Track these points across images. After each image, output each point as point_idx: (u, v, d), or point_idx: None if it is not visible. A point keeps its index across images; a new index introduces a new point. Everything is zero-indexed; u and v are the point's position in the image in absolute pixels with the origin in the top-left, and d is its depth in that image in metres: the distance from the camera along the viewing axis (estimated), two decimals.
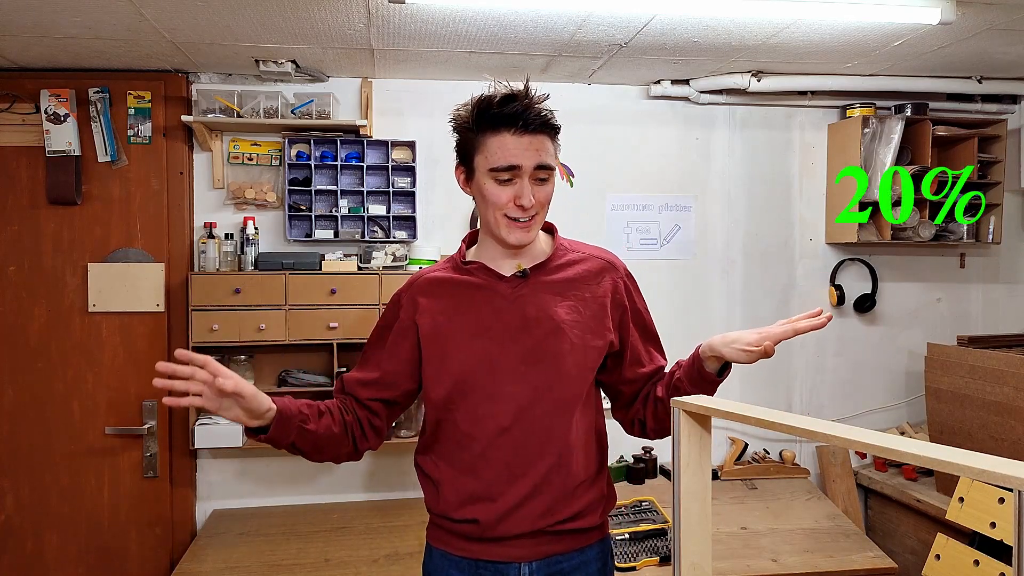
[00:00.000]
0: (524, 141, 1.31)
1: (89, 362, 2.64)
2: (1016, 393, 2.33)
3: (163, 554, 2.68)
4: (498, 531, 1.39)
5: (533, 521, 1.39)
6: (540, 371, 1.38)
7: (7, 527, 2.61)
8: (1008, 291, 3.23)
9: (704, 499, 1.10)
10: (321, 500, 2.81)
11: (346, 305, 2.57)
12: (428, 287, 1.46)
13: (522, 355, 1.38)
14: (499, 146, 1.31)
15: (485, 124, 1.32)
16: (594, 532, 1.47)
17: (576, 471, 1.42)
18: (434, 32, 2.26)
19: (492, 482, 1.39)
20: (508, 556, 1.40)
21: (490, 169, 1.33)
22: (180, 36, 2.26)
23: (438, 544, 1.48)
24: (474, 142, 1.35)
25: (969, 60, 2.61)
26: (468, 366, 1.39)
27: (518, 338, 1.39)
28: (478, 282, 1.43)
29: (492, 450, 1.39)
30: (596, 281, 1.44)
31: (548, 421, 1.39)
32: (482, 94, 1.34)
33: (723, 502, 2.69)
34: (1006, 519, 1.97)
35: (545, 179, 1.37)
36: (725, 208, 3.03)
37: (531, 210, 1.35)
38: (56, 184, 2.56)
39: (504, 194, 1.34)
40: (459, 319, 1.41)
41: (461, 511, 1.41)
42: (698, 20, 2.17)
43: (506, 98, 1.31)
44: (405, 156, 2.74)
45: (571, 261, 1.46)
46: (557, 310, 1.40)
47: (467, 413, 1.40)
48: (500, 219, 1.36)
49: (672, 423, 1.08)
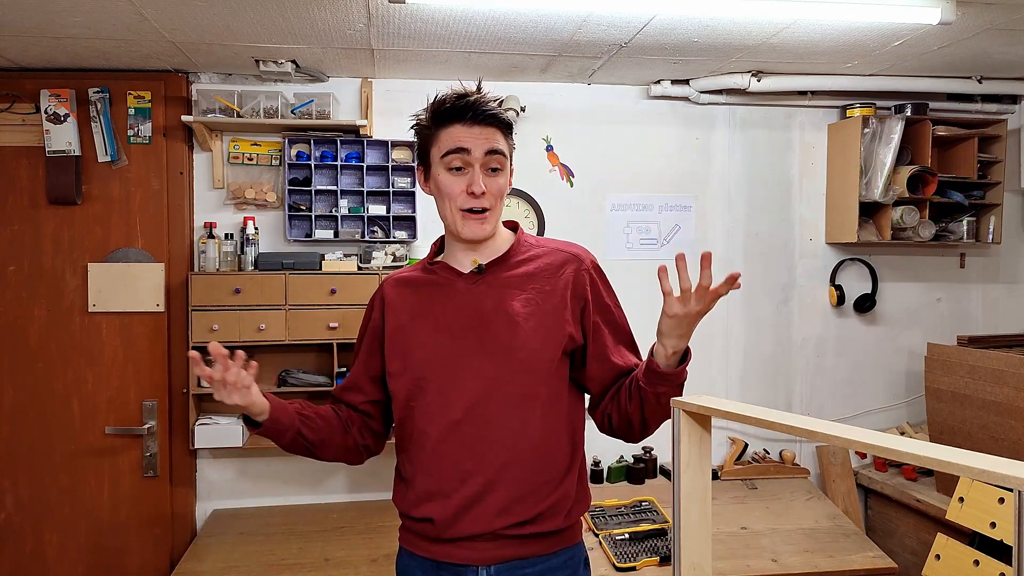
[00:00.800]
0: (475, 131, 1.37)
1: (89, 362, 2.64)
2: (1016, 393, 2.33)
3: (163, 554, 2.68)
4: (453, 531, 1.38)
5: (488, 521, 1.36)
6: (493, 365, 1.38)
7: (7, 527, 2.61)
8: (1008, 291, 3.23)
9: (704, 499, 1.10)
10: (321, 500, 2.81)
11: (346, 305, 2.57)
12: (395, 287, 1.51)
13: (476, 349, 1.39)
14: (449, 135, 1.38)
15: (439, 119, 1.40)
16: (560, 536, 1.43)
17: (536, 470, 1.39)
18: (434, 32, 2.26)
19: (444, 479, 1.38)
20: (466, 558, 1.38)
21: (442, 156, 1.38)
22: (180, 36, 2.26)
23: (405, 543, 1.49)
24: (430, 138, 1.42)
25: (969, 60, 2.61)
26: (426, 362, 1.41)
27: (473, 333, 1.40)
28: (438, 280, 1.47)
29: (444, 445, 1.39)
30: (557, 274, 1.44)
31: (501, 416, 1.38)
32: (438, 94, 1.42)
33: (723, 502, 2.69)
34: (1006, 519, 1.97)
35: (498, 169, 1.40)
36: (725, 208, 3.03)
37: (483, 200, 1.38)
38: (56, 184, 2.56)
39: (457, 184, 1.38)
40: (420, 317, 1.44)
41: (418, 509, 1.41)
42: (698, 20, 2.17)
43: (459, 95, 1.39)
44: (405, 156, 2.74)
45: (533, 256, 1.47)
46: (513, 304, 1.41)
47: (423, 409, 1.41)
48: (456, 212, 1.40)
49: (672, 423, 1.08)
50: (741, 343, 3.05)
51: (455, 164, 1.38)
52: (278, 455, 2.80)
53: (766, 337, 3.07)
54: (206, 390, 2.62)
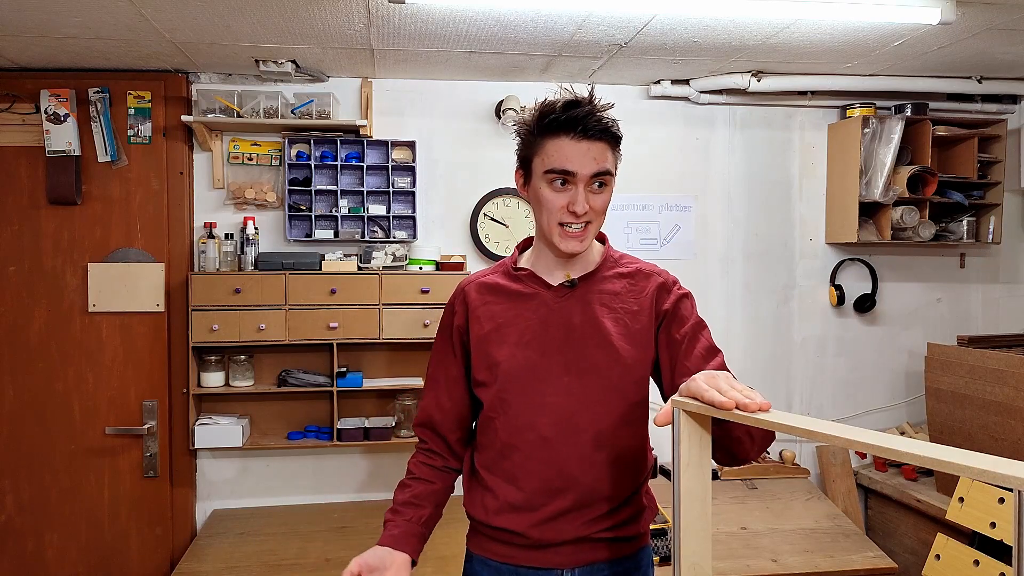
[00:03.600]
0: (583, 147, 1.29)
1: (89, 362, 2.64)
2: (1016, 393, 2.33)
3: (163, 554, 2.68)
4: (539, 539, 1.38)
5: (574, 531, 1.38)
6: (584, 383, 1.36)
7: (7, 527, 2.61)
8: (1008, 291, 3.23)
9: (704, 499, 1.10)
10: (321, 500, 2.81)
11: (346, 305, 2.57)
12: (478, 292, 1.46)
13: (566, 366, 1.37)
14: (556, 149, 1.30)
15: (545, 128, 1.31)
16: (634, 541, 1.45)
17: (623, 485, 1.40)
18: (434, 32, 2.26)
19: (533, 494, 1.37)
20: (549, 563, 1.39)
21: (545, 171, 1.31)
22: (180, 36, 2.26)
23: (477, 550, 1.47)
24: (533, 145, 1.34)
25: (969, 60, 2.61)
26: (511, 375, 1.38)
27: (562, 348, 1.37)
28: (526, 290, 1.42)
29: (533, 462, 1.37)
30: (643, 292, 1.41)
31: (591, 435, 1.37)
32: (546, 99, 1.33)
33: (723, 502, 2.69)
34: (1006, 519, 1.97)
35: (602, 186, 1.35)
36: (725, 208, 3.03)
37: (584, 217, 1.33)
38: (56, 184, 2.56)
39: (559, 200, 1.32)
40: (505, 327, 1.41)
41: (500, 519, 1.40)
42: (698, 20, 2.17)
43: (569, 104, 1.30)
44: (405, 156, 2.74)
45: (620, 273, 1.44)
46: (604, 321, 1.38)
47: (508, 422, 1.39)
48: (554, 226, 1.34)
49: (672, 423, 1.08)
50: (741, 343, 3.05)
51: (558, 180, 1.31)
52: (278, 455, 2.80)
53: (766, 337, 3.07)
54: (206, 390, 2.62)
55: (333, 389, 2.61)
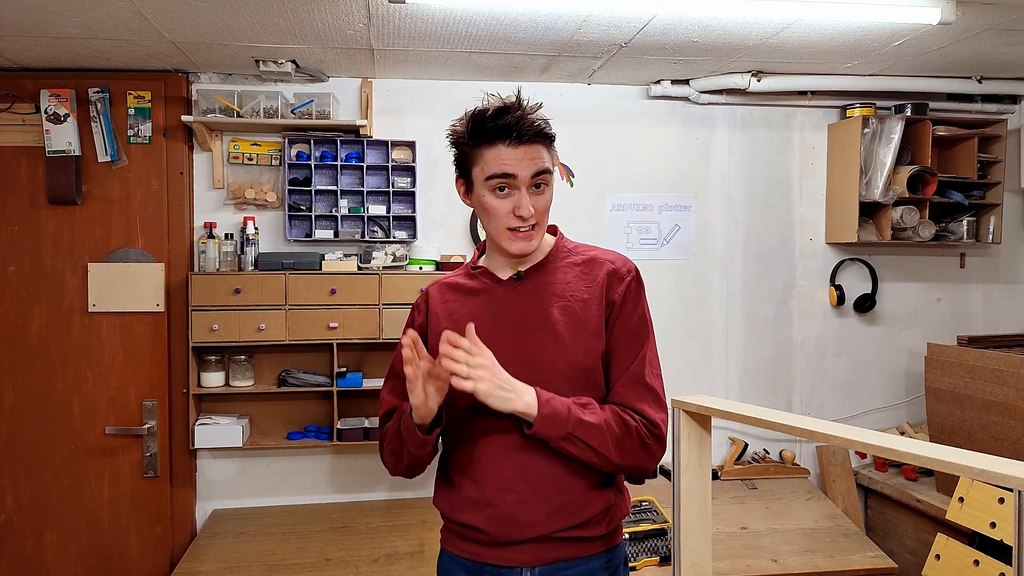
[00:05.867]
0: (519, 152, 1.32)
1: (89, 362, 2.64)
2: (1016, 393, 2.33)
3: (163, 554, 2.68)
4: (500, 536, 1.38)
5: (535, 527, 1.38)
6: (532, 374, 1.36)
7: (7, 527, 2.61)
8: (1008, 291, 3.23)
9: (704, 499, 1.10)
10: (321, 500, 2.81)
11: (346, 305, 2.57)
12: (439, 291, 1.50)
13: (517, 358, 1.38)
14: (493, 157, 1.33)
15: (480, 137, 1.34)
16: (600, 541, 1.43)
17: (578, 477, 1.39)
18: (434, 32, 2.26)
19: (490, 488, 1.38)
20: (511, 561, 1.39)
21: (486, 178, 1.34)
22: (180, 36, 2.26)
23: (447, 546, 1.49)
24: (471, 155, 1.37)
25: (969, 60, 2.61)
26: None
27: (514, 341, 1.39)
28: (478, 286, 1.46)
29: (488, 457, 1.39)
30: (594, 281, 1.42)
31: None
32: (476, 108, 1.36)
33: (723, 502, 2.69)
34: (1006, 519, 1.97)
35: (542, 186, 1.38)
36: (725, 208, 3.03)
37: (530, 219, 1.36)
38: (56, 184, 2.56)
39: (503, 206, 1.35)
40: (459, 322, 1.42)
41: (463, 515, 1.41)
42: (698, 20, 2.17)
43: (499, 111, 1.32)
44: (405, 156, 2.74)
45: (572, 262, 1.46)
46: (552, 311, 1.40)
47: (466, 418, 1.40)
48: (502, 231, 1.37)
49: (672, 423, 1.08)
50: (741, 343, 3.05)
51: (500, 186, 1.34)
52: (278, 455, 2.80)
53: (766, 337, 3.07)
54: (206, 390, 2.62)
55: (333, 389, 2.61)
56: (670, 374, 3.31)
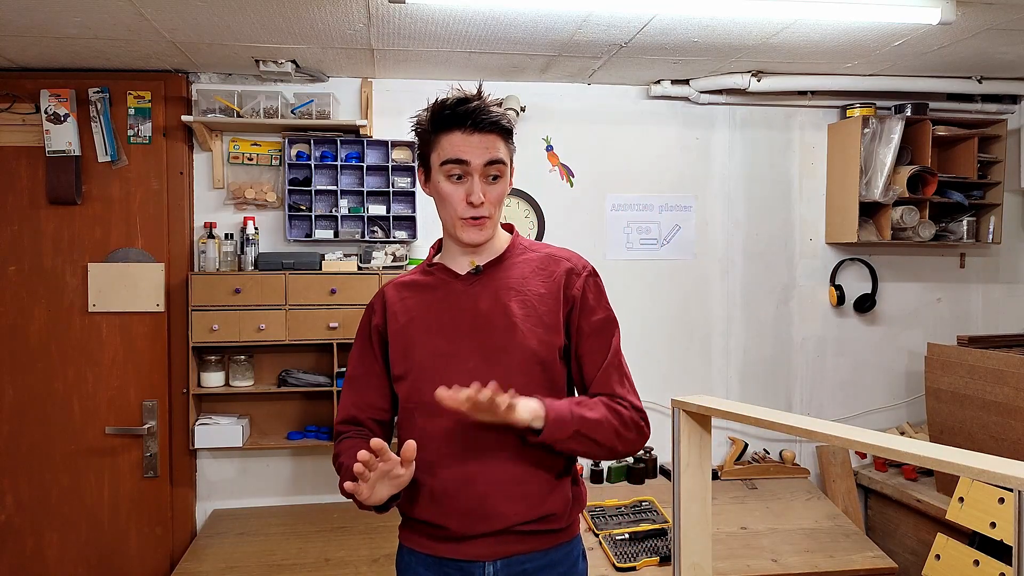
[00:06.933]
0: (475, 139, 1.37)
1: (89, 362, 2.64)
2: (1016, 393, 2.33)
3: (163, 554, 2.68)
4: (459, 531, 1.39)
5: (493, 521, 1.38)
6: (490, 366, 1.39)
7: (7, 527, 2.61)
8: (1008, 291, 3.23)
9: (704, 499, 1.10)
10: (321, 500, 2.81)
11: (346, 305, 2.57)
12: (395, 290, 1.52)
13: (474, 350, 1.40)
14: (449, 143, 1.38)
15: (439, 124, 1.39)
16: (560, 533, 1.45)
17: (536, 470, 1.41)
18: (434, 32, 2.26)
19: (449, 481, 1.39)
20: (471, 555, 1.40)
21: (441, 163, 1.39)
22: (180, 36, 2.26)
23: (406, 541, 1.49)
24: (430, 142, 1.42)
25: (969, 60, 2.61)
26: (425, 363, 1.42)
27: (471, 334, 1.41)
28: (435, 282, 1.48)
29: (447, 447, 1.39)
30: (551, 277, 1.46)
31: None
32: (438, 97, 1.41)
33: (723, 502, 2.69)
34: (1006, 519, 1.97)
35: (497, 177, 1.41)
36: (725, 208, 3.03)
37: (482, 208, 1.40)
38: (56, 184, 2.56)
39: (457, 193, 1.39)
40: (418, 319, 1.46)
41: (422, 510, 1.42)
42: (698, 20, 2.17)
43: (460, 101, 1.38)
44: (405, 156, 2.74)
45: (528, 259, 1.49)
46: (510, 304, 1.42)
47: (424, 410, 1.41)
48: (456, 219, 1.41)
49: (672, 423, 1.08)
50: (741, 343, 3.05)
51: (454, 173, 1.39)
52: (278, 455, 2.80)
53: (766, 337, 3.07)
54: (206, 390, 2.62)
55: (333, 389, 2.61)
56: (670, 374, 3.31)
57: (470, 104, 1.37)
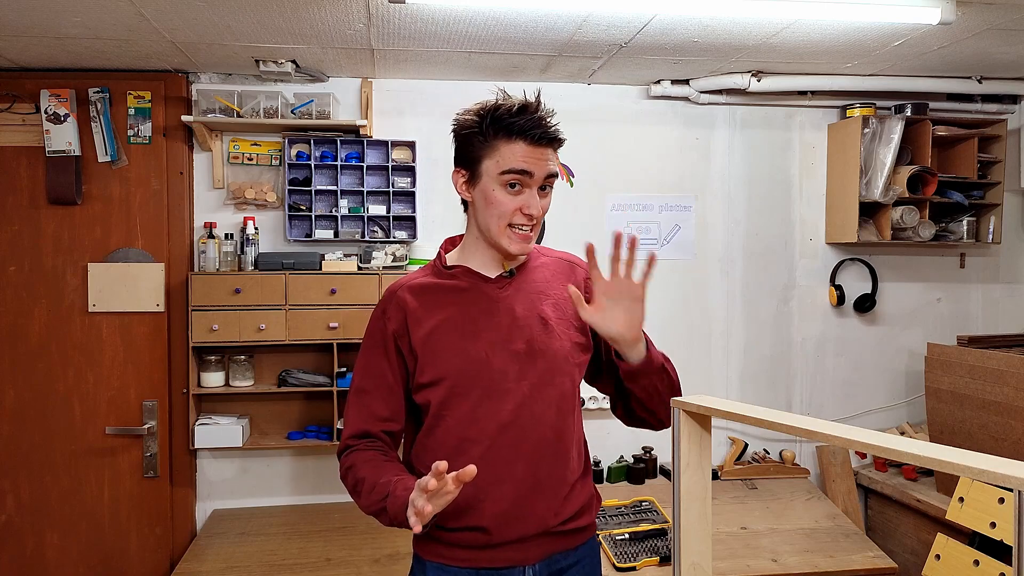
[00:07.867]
0: (538, 152, 1.35)
1: (89, 362, 2.64)
2: (1016, 393, 2.33)
3: (163, 554, 2.68)
4: (504, 535, 1.37)
5: (538, 522, 1.38)
6: (536, 367, 1.39)
7: (7, 527, 2.61)
8: (1008, 291, 3.23)
9: (704, 499, 1.10)
10: (322, 500, 2.81)
11: (346, 305, 2.57)
12: (411, 295, 1.44)
13: (516, 353, 1.40)
14: (512, 152, 1.34)
15: (500, 130, 1.34)
16: (587, 531, 1.50)
17: (573, 468, 1.44)
18: (434, 32, 2.26)
19: (491, 484, 1.36)
20: (514, 560, 1.39)
21: (502, 172, 1.34)
22: (180, 36, 2.26)
23: (432, 557, 1.42)
24: (483, 147, 1.36)
25: (969, 60, 2.61)
26: (463, 368, 1.38)
27: (510, 337, 1.40)
28: (463, 285, 1.44)
29: (494, 450, 1.37)
30: (567, 281, 1.49)
31: (545, 418, 1.39)
32: (495, 101, 1.36)
33: (723, 502, 2.69)
34: (1006, 519, 1.97)
35: (547, 189, 1.41)
36: (725, 208, 3.03)
37: (536, 219, 1.39)
38: (56, 184, 2.56)
39: (512, 202, 1.36)
40: (448, 322, 1.41)
41: (462, 519, 1.37)
42: (698, 20, 2.17)
43: (522, 108, 1.34)
44: (405, 156, 2.74)
45: (544, 264, 1.52)
46: (543, 307, 1.44)
47: (465, 415, 1.38)
48: (503, 228, 1.37)
49: (672, 423, 1.08)
50: (741, 343, 3.05)
51: (514, 182, 1.35)
52: (278, 455, 2.80)
53: (766, 337, 3.07)
54: (206, 390, 2.62)
55: (333, 389, 2.61)
56: None
57: (534, 115, 1.34)
